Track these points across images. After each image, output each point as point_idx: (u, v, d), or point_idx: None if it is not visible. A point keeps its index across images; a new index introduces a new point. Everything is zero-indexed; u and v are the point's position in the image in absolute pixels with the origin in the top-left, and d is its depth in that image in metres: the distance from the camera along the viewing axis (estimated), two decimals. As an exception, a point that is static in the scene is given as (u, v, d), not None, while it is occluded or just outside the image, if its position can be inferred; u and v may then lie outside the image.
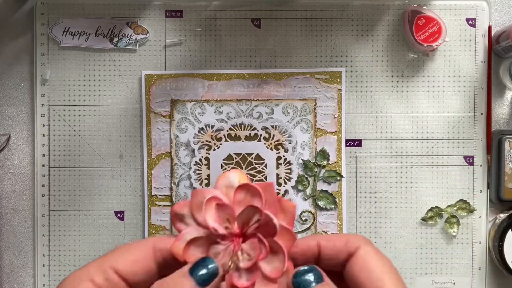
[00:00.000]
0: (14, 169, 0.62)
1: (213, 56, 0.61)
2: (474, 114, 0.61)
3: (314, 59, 0.61)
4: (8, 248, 0.62)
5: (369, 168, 0.61)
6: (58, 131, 0.61)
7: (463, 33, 0.60)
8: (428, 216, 0.60)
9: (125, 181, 0.61)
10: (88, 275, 0.28)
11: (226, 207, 0.29)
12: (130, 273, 0.29)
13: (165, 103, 0.60)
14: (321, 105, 0.60)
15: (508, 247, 0.58)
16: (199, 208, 0.29)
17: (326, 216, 0.61)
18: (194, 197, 0.29)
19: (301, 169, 0.60)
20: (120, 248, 0.30)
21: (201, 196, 0.29)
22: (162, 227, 0.61)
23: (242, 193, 0.29)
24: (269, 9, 0.61)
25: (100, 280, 0.28)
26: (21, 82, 0.62)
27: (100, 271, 0.29)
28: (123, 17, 0.61)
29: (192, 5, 0.61)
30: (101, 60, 0.61)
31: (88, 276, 0.28)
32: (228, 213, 0.28)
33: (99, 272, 0.28)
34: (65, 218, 0.61)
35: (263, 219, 0.28)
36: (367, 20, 0.61)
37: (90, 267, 0.29)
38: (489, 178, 0.60)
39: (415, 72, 0.61)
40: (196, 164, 0.60)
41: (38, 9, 0.61)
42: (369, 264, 0.28)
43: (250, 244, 0.28)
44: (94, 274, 0.28)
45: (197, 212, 0.29)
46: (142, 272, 0.29)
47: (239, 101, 0.60)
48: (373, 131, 0.61)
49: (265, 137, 0.60)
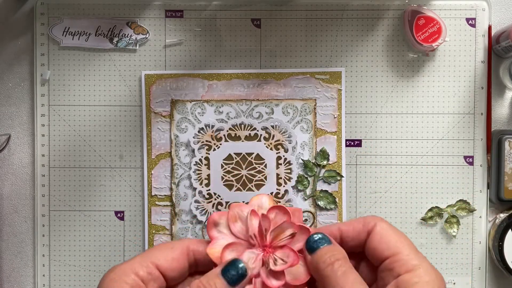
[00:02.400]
0: (14, 169, 0.62)
1: (213, 56, 0.61)
2: (474, 114, 0.61)
3: (314, 59, 0.61)
4: (8, 248, 0.62)
5: (369, 168, 0.61)
6: (58, 131, 0.61)
7: (463, 33, 0.60)
8: (428, 216, 0.60)
9: (125, 181, 0.61)
10: (132, 269, 0.31)
11: (267, 219, 0.34)
12: (168, 269, 0.32)
13: (165, 103, 0.60)
14: (321, 105, 0.60)
15: (508, 247, 0.58)
16: (234, 219, 0.34)
17: (326, 216, 0.61)
18: (231, 209, 0.35)
19: (301, 169, 0.60)
20: (160, 246, 0.33)
21: (238, 209, 0.35)
22: (162, 227, 0.61)
23: (274, 213, 0.34)
24: (269, 9, 0.61)
25: (144, 274, 0.31)
26: (21, 82, 0.62)
27: (143, 266, 0.32)
28: (123, 17, 0.61)
29: (192, 5, 0.61)
30: (101, 60, 0.61)
31: (133, 270, 0.31)
32: (267, 224, 0.34)
33: (142, 267, 0.31)
34: (65, 218, 0.61)
35: (296, 234, 0.33)
36: (367, 20, 0.61)
37: (133, 262, 0.32)
38: (489, 178, 0.60)
39: (415, 72, 0.61)
40: (196, 164, 0.60)
41: (38, 9, 0.61)
42: (386, 236, 0.32)
43: (283, 252, 0.33)
44: (138, 268, 0.31)
45: (232, 222, 0.34)
46: (178, 269, 0.33)
47: (239, 101, 0.60)
48: (373, 131, 0.61)
49: (265, 137, 0.60)
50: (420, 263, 0.31)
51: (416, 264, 0.31)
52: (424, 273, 0.30)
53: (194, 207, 0.60)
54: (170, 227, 0.61)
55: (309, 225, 0.60)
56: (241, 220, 0.35)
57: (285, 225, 0.34)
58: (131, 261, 0.32)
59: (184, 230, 0.61)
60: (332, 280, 0.31)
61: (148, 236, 0.61)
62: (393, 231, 0.33)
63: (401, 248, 0.32)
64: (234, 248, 0.34)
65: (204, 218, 0.60)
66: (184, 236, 0.61)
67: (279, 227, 0.34)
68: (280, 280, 0.33)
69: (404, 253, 0.31)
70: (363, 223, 0.33)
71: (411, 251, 0.32)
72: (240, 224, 0.34)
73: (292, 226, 0.34)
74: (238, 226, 0.34)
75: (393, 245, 0.32)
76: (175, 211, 0.61)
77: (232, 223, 0.34)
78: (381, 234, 0.32)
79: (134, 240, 0.61)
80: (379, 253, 0.32)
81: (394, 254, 0.31)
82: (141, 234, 0.61)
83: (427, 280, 0.30)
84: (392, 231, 0.33)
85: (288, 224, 0.34)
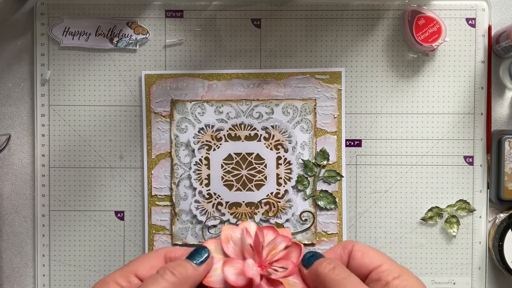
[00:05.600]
0: (14, 169, 0.62)
1: (213, 56, 0.61)
2: (474, 114, 0.61)
3: (314, 59, 0.61)
4: (8, 248, 0.62)
5: (369, 168, 0.61)
6: (58, 131, 0.61)
7: (463, 33, 0.60)
8: (428, 216, 0.60)
9: (125, 181, 0.61)
10: (113, 279, 0.34)
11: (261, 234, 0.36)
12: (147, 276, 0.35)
13: (165, 103, 0.60)
14: (321, 105, 0.60)
15: (508, 247, 0.58)
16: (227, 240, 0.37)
17: (326, 216, 0.61)
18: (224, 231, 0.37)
19: (301, 169, 0.60)
20: (138, 258, 0.36)
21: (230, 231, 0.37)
22: (162, 227, 0.61)
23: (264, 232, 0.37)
24: (269, 9, 0.61)
25: (124, 282, 0.34)
26: (21, 82, 0.62)
27: (123, 276, 0.34)
28: (123, 17, 0.61)
29: (192, 5, 0.61)
30: (101, 60, 0.61)
31: (114, 280, 0.34)
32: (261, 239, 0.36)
33: (123, 277, 0.34)
34: (65, 218, 0.61)
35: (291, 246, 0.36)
36: (367, 20, 0.61)
37: (115, 274, 0.35)
38: (489, 178, 0.60)
39: (415, 72, 0.61)
40: (196, 164, 0.60)
41: (38, 9, 0.61)
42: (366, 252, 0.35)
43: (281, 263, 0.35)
44: (119, 278, 0.34)
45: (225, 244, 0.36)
46: None
47: (239, 101, 0.60)
48: (373, 131, 0.61)
49: (265, 137, 0.60)
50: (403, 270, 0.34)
51: (400, 271, 0.34)
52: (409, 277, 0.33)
53: (194, 207, 0.60)
54: (170, 227, 0.61)
55: (309, 225, 0.60)
56: (233, 240, 0.37)
57: (278, 240, 0.36)
58: (112, 274, 0.35)
59: (184, 230, 0.61)
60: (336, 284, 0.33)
61: (148, 236, 0.61)
62: (370, 248, 0.36)
63: (383, 260, 0.34)
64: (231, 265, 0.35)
65: (204, 218, 0.60)
66: (184, 236, 0.61)
67: (273, 242, 0.36)
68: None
69: (387, 264, 0.34)
70: (342, 247, 0.36)
71: (392, 262, 0.35)
72: (232, 244, 0.37)
73: (285, 240, 0.36)
74: (230, 247, 0.36)
75: (375, 258, 0.35)
76: (175, 211, 0.61)
77: (225, 244, 0.36)
78: (361, 251, 0.35)
79: (134, 240, 0.61)
80: (364, 267, 0.35)
81: (379, 266, 0.34)
82: (141, 234, 0.61)
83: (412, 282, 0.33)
84: (370, 248, 0.36)
85: (281, 239, 0.36)
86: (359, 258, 0.35)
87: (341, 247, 0.37)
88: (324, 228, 0.61)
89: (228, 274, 0.35)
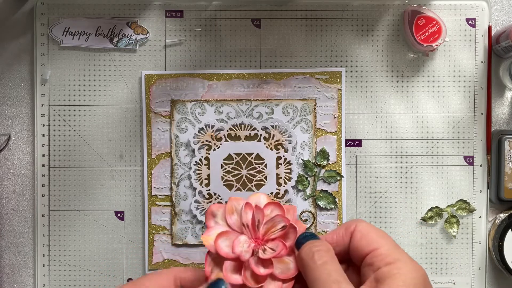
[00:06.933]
0: (14, 169, 0.62)
1: (213, 56, 0.61)
2: (474, 114, 0.61)
3: (314, 59, 0.61)
4: (8, 248, 0.62)
5: (369, 168, 0.61)
6: (58, 131, 0.61)
7: (463, 33, 0.60)
8: (428, 216, 0.60)
9: (125, 181, 0.61)
10: None
11: (260, 211, 0.36)
12: None
13: (165, 103, 0.60)
14: (321, 105, 0.60)
15: (508, 247, 0.58)
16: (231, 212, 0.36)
17: (326, 216, 0.61)
18: (229, 202, 0.36)
19: (301, 169, 0.60)
20: (149, 275, 0.36)
21: (236, 203, 0.36)
22: (162, 227, 0.61)
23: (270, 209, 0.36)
24: (269, 9, 0.61)
25: None
26: (21, 82, 0.62)
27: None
28: (123, 17, 0.61)
29: (192, 5, 0.61)
30: (101, 60, 0.61)
31: None
32: (260, 216, 0.35)
33: None
34: (65, 218, 0.61)
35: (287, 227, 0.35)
36: (367, 20, 0.61)
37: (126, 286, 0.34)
38: (489, 178, 0.60)
39: (415, 72, 0.61)
40: (196, 164, 0.60)
41: (38, 9, 0.61)
42: (366, 233, 0.33)
43: (273, 243, 0.35)
44: None
45: (228, 214, 0.36)
46: None
47: (239, 101, 0.60)
48: (373, 131, 0.61)
49: (265, 137, 0.60)
50: (400, 257, 0.31)
51: (396, 257, 0.31)
52: (403, 265, 0.31)
53: (194, 207, 0.60)
54: (170, 227, 0.61)
55: (309, 225, 0.60)
56: (237, 212, 0.36)
57: (277, 219, 0.35)
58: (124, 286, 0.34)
59: (184, 230, 0.61)
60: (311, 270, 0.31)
61: (148, 236, 0.61)
62: (373, 229, 0.33)
63: (381, 243, 0.32)
64: (227, 237, 0.35)
65: (204, 218, 0.60)
66: (184, 236, 0.61)
67: (271, 220, 0.35)
68: (268, 269, 0.34)
69: (384, 248, 0.32)
70: (345, 227, 0.34)
71: (391, 246, 0.32)
72: (236, 216, 0.36)
73: (284, 220, 0.35)
74: (233, 219, 0.36)
75: (373, 241, 0.32)
76: (175, 211, 0.61)
77: (228, 215, 0.36)
78: (362, 232, 0.33)
79: (134, 240, 0.61)
80: (360, 250, 0.33)
81: (374, 249, 0.32)
82: (141, 234, 0.61)
83: (405, 272, 0.30)
84: (372, 229, 0.33)
85: (280, 218, 0.35)
86: (357, 240, 0.33)
87: (344, 227, 0.34)
88: (324, 228, 0.61)
89: (222, 245, 0.35)
